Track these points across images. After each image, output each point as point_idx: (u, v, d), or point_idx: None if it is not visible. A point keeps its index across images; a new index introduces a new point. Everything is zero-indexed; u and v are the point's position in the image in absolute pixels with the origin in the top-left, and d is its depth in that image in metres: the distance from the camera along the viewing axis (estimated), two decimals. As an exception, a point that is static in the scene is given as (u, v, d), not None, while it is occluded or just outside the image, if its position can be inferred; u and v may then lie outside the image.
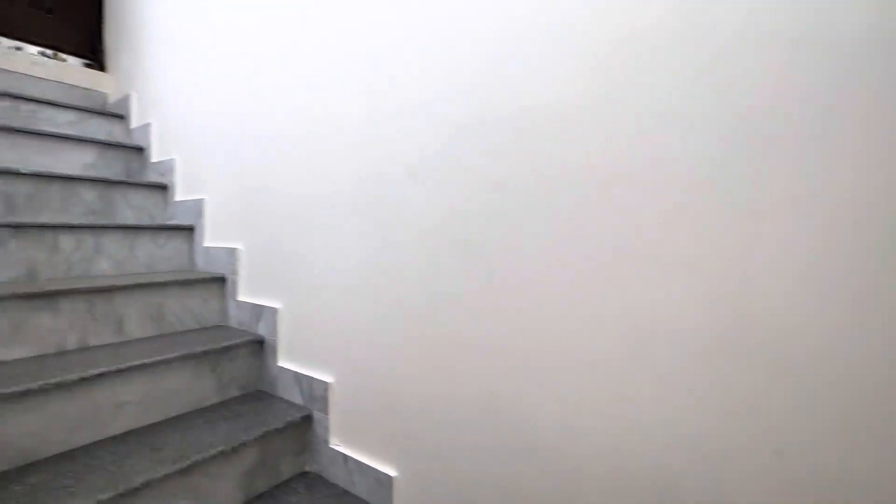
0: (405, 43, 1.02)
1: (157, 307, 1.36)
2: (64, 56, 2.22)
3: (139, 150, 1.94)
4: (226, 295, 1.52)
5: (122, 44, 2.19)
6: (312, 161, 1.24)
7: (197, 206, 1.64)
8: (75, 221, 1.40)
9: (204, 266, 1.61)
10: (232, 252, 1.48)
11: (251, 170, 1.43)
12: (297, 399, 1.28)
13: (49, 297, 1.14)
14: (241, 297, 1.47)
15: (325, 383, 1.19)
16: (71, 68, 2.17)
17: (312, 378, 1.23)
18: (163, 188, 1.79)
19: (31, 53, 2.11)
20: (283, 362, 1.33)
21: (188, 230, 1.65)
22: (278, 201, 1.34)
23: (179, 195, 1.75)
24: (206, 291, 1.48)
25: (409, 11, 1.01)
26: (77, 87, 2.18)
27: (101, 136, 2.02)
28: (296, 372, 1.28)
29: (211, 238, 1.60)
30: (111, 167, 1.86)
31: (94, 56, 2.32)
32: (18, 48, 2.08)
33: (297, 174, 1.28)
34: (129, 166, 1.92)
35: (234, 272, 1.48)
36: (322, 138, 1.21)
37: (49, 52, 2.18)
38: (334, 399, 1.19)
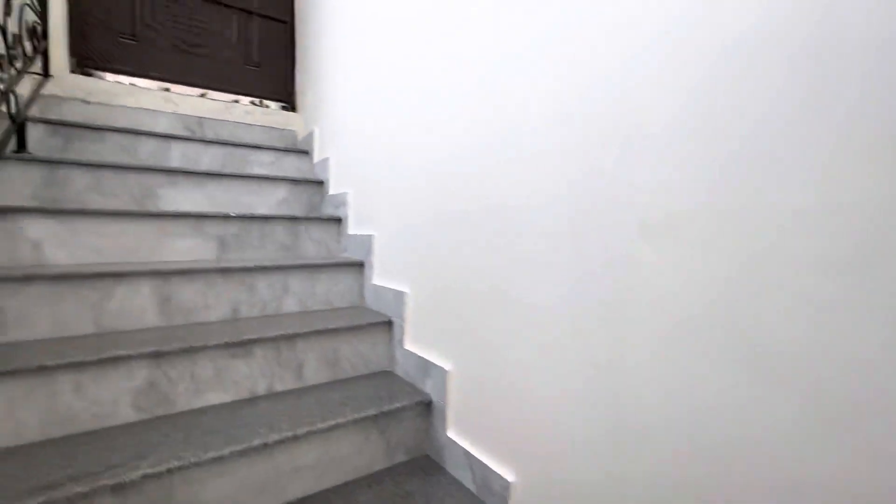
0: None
1: (332, 352, 1.33)
2: (267, 102, 2.55)
3: (320, 184, 2.05)
4: (393, 340, 1.43)
5: (308, 85, 2.40)
6: (496, 213, 1.02)
7: (366, 242, 1.61)
8: (269, 261, 1.48)
9: (373, 303, 1.57)
10: (399, 296, 1.38)
11: (419, 207, 1.30)
12: (469, 483, 1.07)
13: (246, 345, 1.18)
14: (408, 346, 1.35)
15: (506, 481, 0.96)
16: (271, 112, 2.46)
17: (487, 468, 1.01)
18: (337, 221, 1.84)
19: (245, 104, 2.46)
20: (453, 433, 1.15)
21: (359, 266, 1.64)
22: (448, 245, 1.17)
23: (352, 228, 1.77)
24: (375, 336, 1.42)
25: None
26: (275, 128, 2.46)
27: (291, 172, 2.22)
28: (467, 450, 1.08)
29: (379, 276, 1.55)
30: (299, 200, 2.00)
31: (288, 98, 2.61)
32: (236, 101, 2.45)
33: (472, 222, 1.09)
34: (312, 199, 2.04)
35: (401, 317, 1.37)
36: (520, 182, 0.98)
37: (256, 100, 2.52)
38: None
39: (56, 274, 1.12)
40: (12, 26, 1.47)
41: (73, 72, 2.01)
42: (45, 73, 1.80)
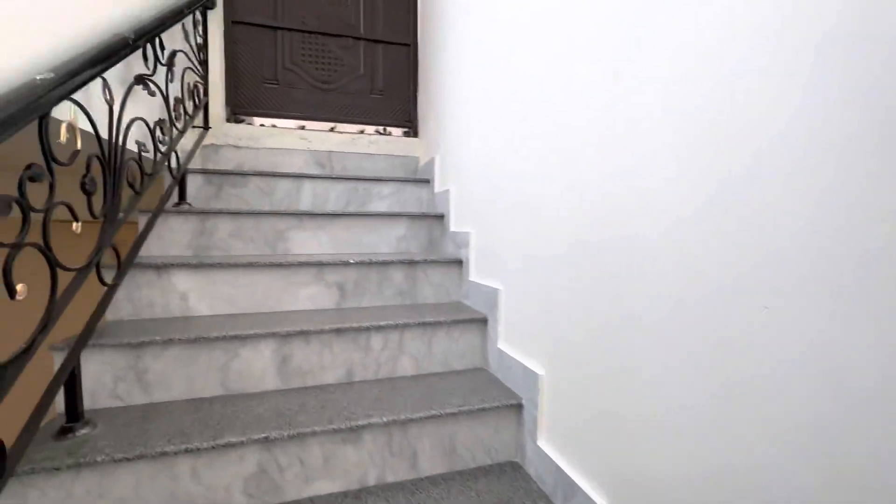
0: None
1: (448, 439, 1.13)
2: (390, 129, 2.52)
3: (440, 218, 1.90)
4: (523, 429, 1.16)
5: (429, 109, 2.27)
6: (638, 265, 0.68)
7: (491, 296, 1.37)
8: (384, 318, 1.35)
9: (498, 369, 1.33)
10: (531, 376, 1.11)
11: (555, 266, 1.00)
12: None
13: (355, 430, 1.04)
14: (543, 445, 1.07)
15: None
16: (394, 140, 2.41)
17: None
18: (458, 263, 1.65)
19: (369, 134, 2.46)
20: None
21: (481, 322, 1.41)
22: (597, 319, 0.85)
23: (473, 274, 1.55)
24: (498, 421, 1.17)
25: None
26: (397, 155, 2.40)
27: (411, 204, 2.12)
28: None
29: (506, 340, 1.29)
30: (417, 236, 1.88)
31: (410, 124, 2.54)
32: (361, 131, 2.47)
33: (619, 288, 0.76)
34: (432, 233, 1.90)
35: (534, 402, 1.10)
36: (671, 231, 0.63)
37: (381, 128, 2.50)
38: None
39: (190, 338, 1.14)
40: (175, 91, 1.62)
41: (227, 120, 2.22)
42: (206, 126, 2.00)
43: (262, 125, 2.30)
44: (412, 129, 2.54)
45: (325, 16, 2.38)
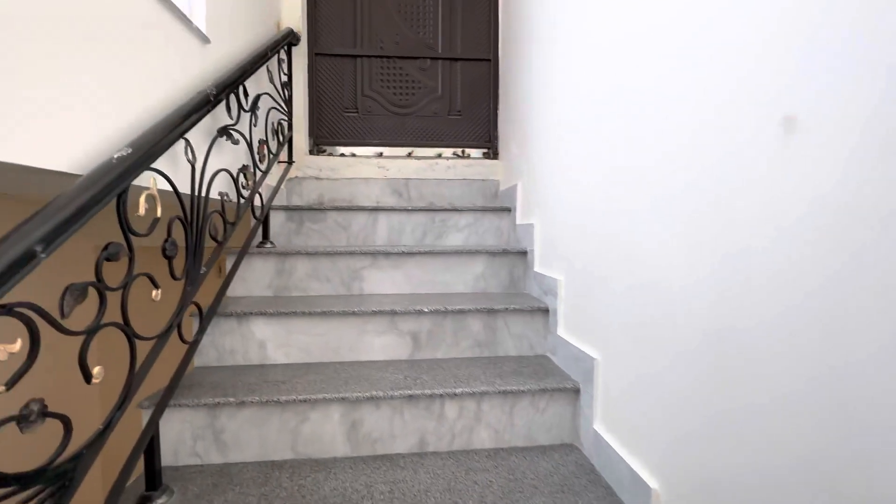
0: None
1: (534, 547, 0.95)
2: (469, 151, 2.38)
3: (523, 255, 1.71)
4: (627, 545, 0.94)
5: (510, 129, 2.09)
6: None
7: (584, 364, 1.16)
8: (463, 382, 1.21)
9: (593, 455, 1.11)
10: (641, 488, 0.88)
11: (675, 350, 0.77)
12: None
13: (424, 529, 0.91)
14: (657, 580, 0.84)
15: None
16: (472, 163, 2.27)
17: None
18: (543, 312, 1.45)
19: (447, 157, 2.35)
20: None
21: (573, 393, 1.21)
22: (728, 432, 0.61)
23: (562, 329, 1.35)
24: (599, 530, 0.96)
25: None
26: (476, 179, 2.26)
27: (490, 236, 1.96)
28: None
29: (603, 422, 1.07)
30: (497, 275, 1.71)
31: (489, 144, 2.38)
32: (439, 155, 2.37)
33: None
34: (513, 273, 1.72)
35: (644, 520, 0.87)
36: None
37: (459, 151, 2.38)
38: None
39: (262, 400, 1.10)
40: (259, 132, 1.65)
41: (310, 152, 2.26)
42: (290, 161, 2.05)
43: (342, 154, 2.31)
44: (492, 151, 2.38)
45: (403, 38, 2.32)
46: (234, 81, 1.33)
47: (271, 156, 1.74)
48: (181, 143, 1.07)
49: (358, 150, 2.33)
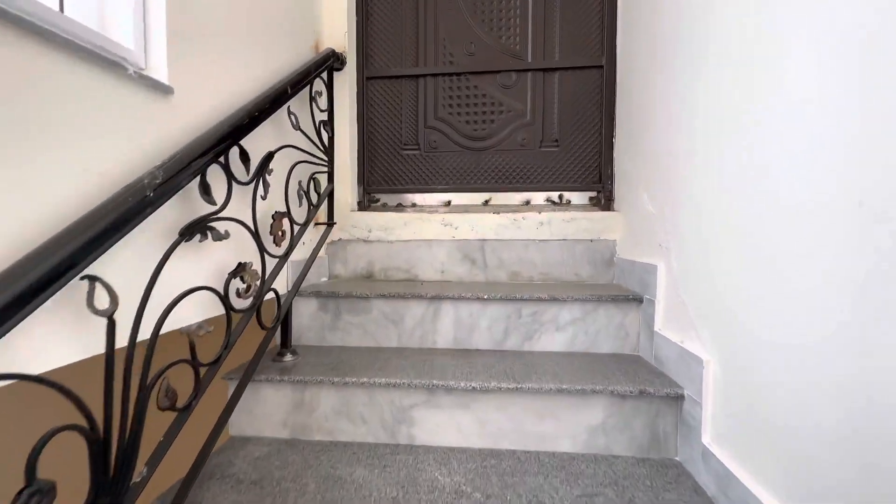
0: None
1: None
2: (569, 196, 1.71)
3: (675, 400, 1.02)
4: None
5: (638, 167, 1.39)
6: None
7: None
8: None
9: None
10: None
11: None
12: None
13: None
14: None
15: None
16: (575, 214, 1.60)
17: None
18: (739, 557, 0.76)
19: (538, 206, 1.71)
20: None
21: None
22: None
23: None
24: None
25: None
26: (580, 241, 1.58)
27: (609, 343, 1.29)
28: None
29: None
30: (630, 427, 1.04)
31: (600, 186, 1.69)
32: (527, 202, 1.73)
33: None
34: (656, 428, 1.03)
35: None
36: None
37: (554, 196, 1.72)
38: None
39: None
40: (274, 203, 1.17)
41: (359, 203, 1.77)
42: (329, 222, 1.57)
43: (398, 204, 1.78)
44: (603, 195, 1.68)
45: (481, 47, 1.72)
46: (213, 146, 0.85)
47: (296, 227, 1.26)
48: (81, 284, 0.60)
49: (419, 198, 1.79)
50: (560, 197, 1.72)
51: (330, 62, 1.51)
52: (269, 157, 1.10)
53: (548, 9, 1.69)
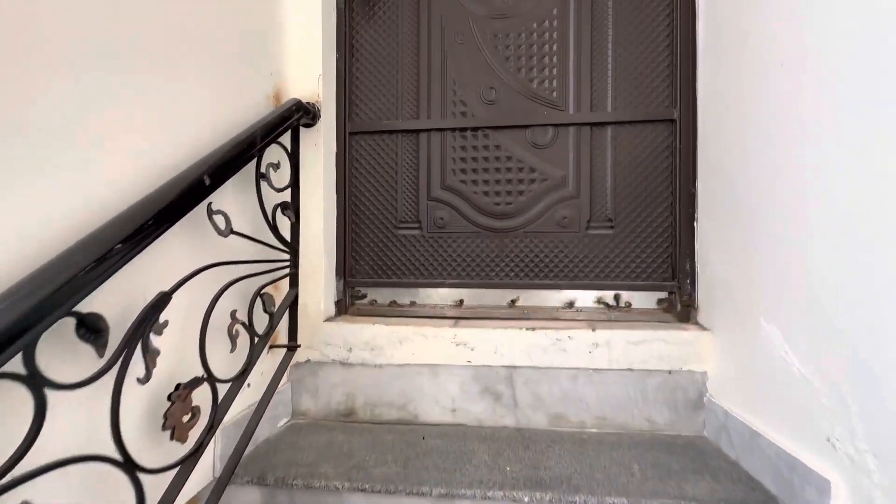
0: None
1: None
2: (627, 298, 1.23)
3: None
4: None
5: (743, 269, 0.91)
6: None
7: None
8: None
9: None
10: None
11: None
12: None
13: None
14: None
15: None
16: (644, 335, 1.10)
17: None
18: None
19: (586, 311, 1.23)
20: None
21: None
22: None
23: None
24: None
25: None
26: (652, 371, 1.09)
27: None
28: None
29: None
30: None
31: (674, 284, 1.21)
32: (569, 305, 1.25)
33: None
34: None
35: None
36: None
37: (608, 295, 1.24)
38: None
39: None
40: (189, 350, 0.70)
41: (338, 303, 1.29)
42: (291, 344, 1.09)
43: (392, 303, 1.30)
44: (680, 297, 1.20)
45: (504, 93, 1.28)
46: None
47: (223, 390, 0.78)
48: None
49: (421, 294, 1.31)
50: (616, 298, 1.24)
51: (294, 119, 1.06)
52: (162, 301, 0.63)
53: (596, 44, 1.25)
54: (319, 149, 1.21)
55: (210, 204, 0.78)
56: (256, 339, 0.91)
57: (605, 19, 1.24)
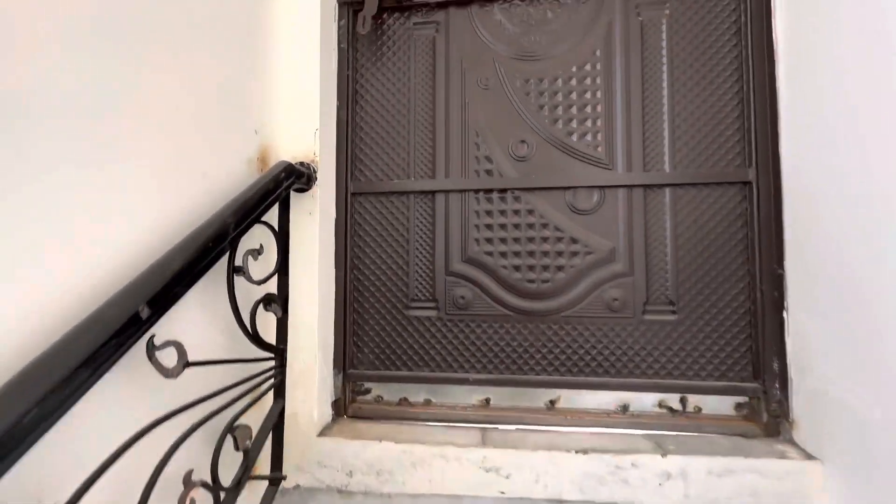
0: None
1: None
2: (695, 402, 0.98)
3: None
4: None
5: (871, 369, 0.67)
6: None
7: None
8: None
9: None
10: None
11: None
12: None
13: None
14: None
15: None
16: (730, 464, 0.85)
17: None
18: None
19: (645, 414, 0.98)
20: None
21: None
22: None
23: None
24: None
25: None
26: (745, 512, 0.83)
27: None
28: None
29: None
30: None
31: (759, 385, 0.96)
32: (624, 408, 1.00)
33: None
34: None
35: None
36: None
37: (673, 399, 0.99)
38: None
39: None
40: None
41: (336, 403, 1.05)
42: (274, 476, 0.84)
43: (402, 400, 1.06)
44: (766, 404, 0.95)
45: (538, 148, 1.07)
46: None
47: None
48: None
49: (438, 392, 1.07)
50: (682, 401, 0.99)
51: (283, 188, 0.85)
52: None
53: (648, 90, 1.04)
54: (315, 217, 0.99)
55: (152, 339, 0.55)
56: (223, 496, 0.67)
57: (659, 61, 1.04)
